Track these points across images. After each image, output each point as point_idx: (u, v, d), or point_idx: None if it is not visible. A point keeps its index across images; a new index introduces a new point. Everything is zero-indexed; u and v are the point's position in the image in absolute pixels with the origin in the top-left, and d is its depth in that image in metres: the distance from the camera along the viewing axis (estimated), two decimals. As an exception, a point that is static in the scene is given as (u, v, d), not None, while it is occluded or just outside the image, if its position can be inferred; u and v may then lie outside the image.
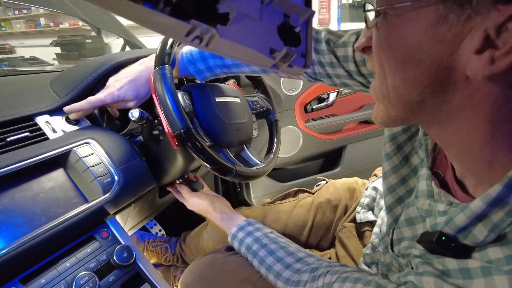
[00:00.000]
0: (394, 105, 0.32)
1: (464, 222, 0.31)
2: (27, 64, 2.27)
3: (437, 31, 0.26)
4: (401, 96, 0.31)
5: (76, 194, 0.56)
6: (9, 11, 4.58)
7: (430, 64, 0.28)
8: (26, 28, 4.59)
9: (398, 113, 0.33)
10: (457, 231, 0.32)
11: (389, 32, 0.30)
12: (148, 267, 0.56)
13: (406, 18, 0.28)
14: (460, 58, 0.26)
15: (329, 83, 0.57)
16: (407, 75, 0.30)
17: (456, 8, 0.25)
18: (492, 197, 0.29)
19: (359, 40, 0.34)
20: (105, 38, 3.57)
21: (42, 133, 0.58)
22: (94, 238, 0.55)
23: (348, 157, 1.34)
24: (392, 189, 0.48)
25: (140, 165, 0.63)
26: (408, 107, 0.32)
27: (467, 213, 0.31)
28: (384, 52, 0.31)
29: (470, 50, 0.26)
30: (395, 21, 0.29)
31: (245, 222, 0.62)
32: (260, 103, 0.79)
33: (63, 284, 0.47)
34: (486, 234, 0.30)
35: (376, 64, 0.32)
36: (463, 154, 0.34)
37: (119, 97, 0.61)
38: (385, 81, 0.32)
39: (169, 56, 0.57)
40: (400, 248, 0.43)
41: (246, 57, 0.31)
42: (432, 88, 0.29)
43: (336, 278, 0.44)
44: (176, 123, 0.53)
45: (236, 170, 0.60)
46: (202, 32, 0.28)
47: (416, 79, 0.29)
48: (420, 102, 0.31)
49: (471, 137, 0.31)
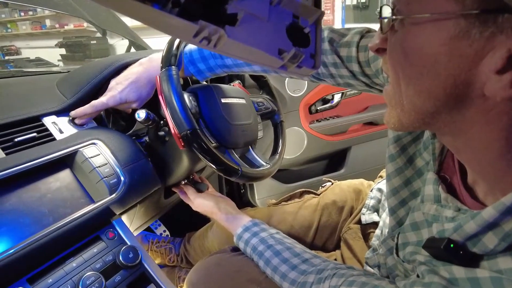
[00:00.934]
0: (406, 113, 0.32)
1: (474, 230, 0.31)
2: (33, 65, 2.29)
3: (456, 45, 0.25)
4: (415, 105, 0.31)
5: (83, 194, 0.56)
6: (15, 12, 4.62)
7: (446, 77, 0.27)
8: (31, 30, 4.63)
9: (410, 121, 0.32)
10: (466, 239, 0.32)
11: (405, 39, 0.29)
12: (154, 268, 0.56)
13: (424, 27, 0.27)
14: (479, 75, 0.26)
15: (333, 83, 0.56)
16: (421, 86, 0.29)
17: (479, 24, 0.24)
18: (505, 205, 0.28)
19: (373, 40, 0.33)
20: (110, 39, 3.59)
21: (49, 133, 0.58)
22: (100, 238, 0.55)
23: (352, 159, 1.34)
24: (395, 191, 0.47)
25: (146, 166, 0.63)
26: (421, 116, 0.31)
27: (478, 221, 0.30)
28: (399, 59, 0.30)
29: (491, 69, 0.25)
30: (412, 29, 0.28)
31: (250, 223, 0.62)
32: (265, 104, 0.79)
33: (69, 284, 0.47)
34: (496, 243, 0.30)
35: (390, 69, 0.32)
36: (475, 163, 0.33)
37: (121, 100, 0.62)
38: (399, 88, 0.31)
39: (175, 57, 0.57)
40: (405, 253, 0.43)
41: (255, 57, 0.31)
42: (447, 102, 0.28)
43: (343, 281, 0.44)
44: (182, 124, 0.53)
45: (241, 171, 0.60)
46: (210, 33, 0.28)
47: (431, 91, 0.29)
48: (433, 113, 0.30)
49: (484, 149, 0.30)
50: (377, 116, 1.35)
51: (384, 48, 0.32)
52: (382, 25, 0.32)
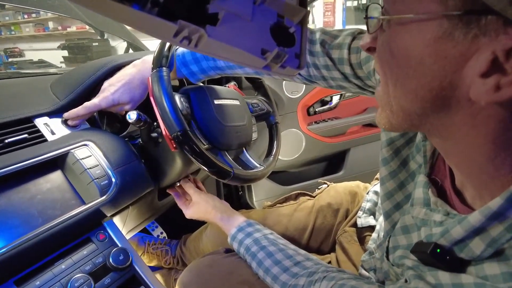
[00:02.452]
0: (395, 113, 0.31)
1: (460, 235, 0.30)
2: (36, 67, 2.31)
3: (440, 47, 0.25)
4: (402, 106, 0.30)
5: (73, 196, 0.56)
6: (18, 15, 4.67)
7: (431, 79, 0.27)
8: (35, 32, 4.67)
9: (399, 122, 0.32)
10: (453, 244, 0.31)
11: (392, 39, 0.28)
12: (145, 270, 0.56)
13: (409, 28, 0.27)
14: (464, 78, 0.25)
15: (325, 85, 0.56)
16: (408, 87, 0.29)
17: (462, 26, 0.23)
18: (492, 210, 0.28)
19: (364, 39, 0.33)
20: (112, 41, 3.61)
21: (41, 135, 0.58)
22: (91, 240, 0.55)
23: (351, 161, 1.33)
24: (390, 195, 0.47)
25: (138, 167, 0.63)
26: (409, 117, 0.31)
27: (464, 226, 0.30)
28: (387, 60, 0.30)
29: (475, 73, 0.24)
30: (398, 30, 0.28)
31: (245, 223, 0.62)
32: (260, 106, 0.78)
33: (57, 286, 0.47)
34: (483, 249, 0.29)
35: (379, 69, 0.32)
36: (464, 166, 0.33)
37: (114, 101, 0.61)
38: (387, 88, 0.31)
39: (167, 58, 0.56)
40: (394, 257, 0.42)
41: (237, 58, 0.30)
42: (434, 103, 0.28)
43: (333, 284, 0.43)
44: (173, 125, 0.53)
45: (234, 173, 0.59)
46: (191, 33, 0.28)
47: (417, 92, 0.28)
48: (421, 115, 0.30)
49: (472, 153, 0.30)
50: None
51: (374, 47, 0.32)
52: (369, 25, 0.32)
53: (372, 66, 0.47)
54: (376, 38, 0.31)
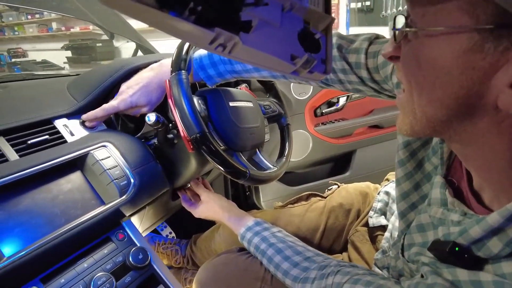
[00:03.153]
0: (419, 120, 0.32)
1: (479, 235, 0.31)
2: (39, 67, 2.32)
3: (469, 58, 0.26)
4: (427, 114, 0.31)
5: (93, 196, 0.57)
6: (22, 15, 4.68)
7: (458, 89, 0.27)
8: (38, 32, 4.69)
9: (422, 128, 0.33)
10: (471, 243, 0.32)
11: (419, 50, 0.29)
12: (163, 269, 0.57)
13: (438, 40, 0.27)
14: (492, 88, 0.26)
15: (341, 88, 0.57)
16: (433, 96, 0.29)
17: (493, 39, 0.24)
18: (510, 212, 0.29)
19: (386, 48, 0.34)
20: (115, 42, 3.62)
21: (61, 136, 0.59)
22: (110, 239, 0.56)
23: (357, 162, 1.34)
24: (405, 195, 0.48)
25: (155, 168, 0.64)
26: (432, 124, 0.31)
27: (482, 226, 0.31)
28: (412, 69, 0.30)
29: (504, 83, 0.25)
30: (426, 41, 0.28)
31: (253, 222, 0.63)
32: (272, 107, 0.79)
33: (81, 284, 0.48)
34: (500, 248, 0.30)
35: (403, 78, 0.32)
36: (483, 170, 0.34)
37: (132, 104, 0.62)
38: (411, 97, 0.32)
39: (185, 61, 0.58)
40: (410, 254, 0.43)
41: (267, 63, 0.32)
42: (459, 111, 0.29)
43: (347, 279, 0.44)
44: (192, 127, 0.54)
45: (249, 174, 0.60)
46: (226, 40, 0.29)
47: (443, 101, 0.29)
48: (445, 122, 0.31)
49: (494, 158, 0.31)
50: (382, 119, 1.35)
51: (397, 56, 0.33)
52: (395, 35, 0.32)
53: (389, 71, 0.48)
54: (399, 47, 0.32)
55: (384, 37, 0.52)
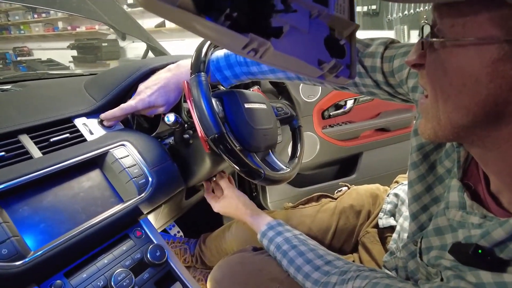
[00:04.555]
0: (443, 126, 0.33)
1: (502, 237, 0.32)
2: (44, 66, 2.34)
3: (499, 68, 0.26)
4: (452, 120, 0.32)
5: (112, 194, 0.58)
6: (28, 14, 4.71)
7: (486, 97, 0.28)
8: (44, 32, 4.71)
9: (446, 134, 0.33)
10: (493, 245, 0.33)
11: (446, 59, 0.29)
12: (179, 267, 0.58)
13: (467, 50, 0.27)
14: None
15: (355, 91, 0.58)
16: (460, 103, 0.30)
17: None
18: None
19: (410, 55, 0.34)
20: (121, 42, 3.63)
21: (80, 134, 0.61)
22: (129, 236, 0.57)
23: (364, 164, 1.35)
24: (417, 197, 0.49)
25: (172, 167, 0.65)
26: (457, 130, 0.32)
27: (506, 228, 0.32)
28: (439, 77, 0.31)
29: None
30: (454, 51, 0.29)
31: (275, 222, 0.64)
32: (284, 109, 0.80)
33: (102, 279, 0.49)
34: None
35: (428, 85, 0.33)
36: (505, 174, 0.34)
37: (150, 103, 0.64)
38: (436, 104, 0.32)
39: (204, 63, 0.59)
40: (429, 258, 0.44)
41: (296, 67, 0.33)
42: (485, 118, 0.29)
43: (367, 283, 0.45)
44: (211, 128, 0.55)
45: (264, 174, 0.61)
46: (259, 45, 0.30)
47: (470, 108, 0.29)
48: (469, 127, 0.31)
49: None
50: (389, 122, 1.36)
51: (421, 64, 0.33)
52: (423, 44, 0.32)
53: (404, 75, 0.49)
54: (423, 55, 0.33)
55: (399, 42, 0.53)
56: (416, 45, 0.33)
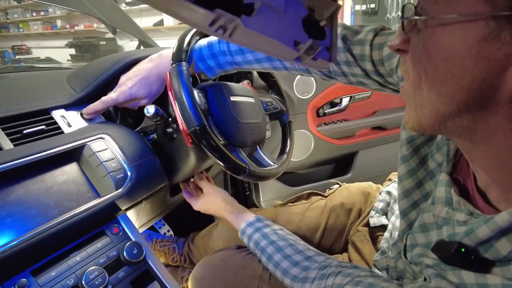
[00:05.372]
0: (427, 114, 0.31)
1: (486, 235, 0.30)
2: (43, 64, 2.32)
3: (484, 49, 0.24)
4: (436, 109, 0.29)
5: (89, 188, 0.56)
6: (27, 12, 4.70)
7: (471, 82, 0.26)
8: (43, 30, 4.70)
9: (430, 124, 0.31)
10: (477, 244, 0.31)
11: (429, 41, 0.27)
12: (158, 265, 0.55)
13: (451, 29, 0.26)
14: (507, 80, 0.25)
15: (345, 81, 0.55)
16: (444, 89, 0.28)
17: (510, 26, 0.23)
18: None
19: (393, 39, 0.32)
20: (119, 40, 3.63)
21: (58, 127, 0.58)
22: (105, 233, 0.54)
23: (359, 163, 1.32)
24: (407, 193, 0.46)
25: (153, 162, 0.62)
26: (442, 119, 0.30)
27: (491, 226, 0.30)
28: (422, 62, 0.29)
29: None
30: (438, 31, 0.27)
31: (254, 218, 0.62)
32: (273, 104, 0.78)
33: (72, 278, 0.47)
34: (510, 250, 0.29)
35: (411, 71, 0.31)
36: (493, 170, 0.32)
37: (131, 96, 0.61)
38: (420, 91, 0.30)
39: (186, 53, 0.56)
40: (412, 255, 0.42)
41: (270, 48, 0.30)
42: (470, 106, 0.27)
43: (349, 281, 0.43)
44: (191, 120, 0.52)
45: (249, 170, 0.59)
46: (227, 22, 0.28)
47: (454, 95, 0.27)
48: (455, 117, 0.29)
49: (506, 156, 0.29)
50: (385, 120, 1.33)
51: (405, 49, 0.31)
52: (404, 24, 0.31)
53: (394, 63, 0.46)
54: (407, 39, 0.31)
55: (390, 29, 0.50)
56: (400, 27, 0.31)
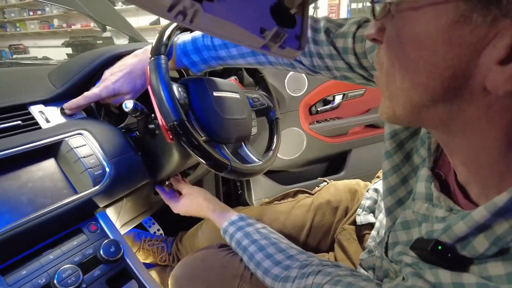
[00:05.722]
0: (401, 105, 0.29)
1: (463, 232, 0.29)
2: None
3: (456, 33, 0.23)
4: (410, 98, 0.28)
5: (66, 185, 0.54)
6: (24, 12, 4.69)
7: (444, 69, 0.25)
8: (40, 29, 4.69)
9: (405, 114, 0.30)
10: (455, 241, 0.30)
11: (402, 27, 0.26)
12: (136, 264, 0.54)
13: (422, 13, 0.25)
14: (480, 66, 0.23)
15: (329, 76, 0.54)
16: (417, 79, 0.27)
17: (481, 7, 0.21)
18: (497, 206, 0.26)
19: (369, 29, 0.31)
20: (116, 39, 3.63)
21: (35, 122, 0.57)
22: (82, 231, 0.53)
23: (353, 161, 1.31)
24: (392, 190, 0.45)
25: (134, 159, 0.61)
26: (417, 110, 0.29)
27: (467, 222, 0.28)
28: (395, 50, 0.28)
29: (493, 60, 0.22)
30: (409, 15, 0.26)
31: (236, 217, 0.60)
32: (260, 100, 0.77)
33: (44, 276, 0.46)
34: (487, 247, 0.28)
35: (385, 61, 0.30)
36: (471, 164, 0.31)
37: (114, 91, 0.60)
38: (394, 80, 0.29)
39: (166, 46, 0.55)
40: (393, 253, 0.40)
41: (235, 36, 0.29)
42: (445, 96, 0.26)
43: (328, 280, 0.42)
44: (169, 114, 0.51)
45: (231, 166, 0.57)
46: (186, 7, 0.26)
47: (428, 84, 0.26)
48: (430, 107, 0.28)
49: (484, 149, 0.28)
50: (379, 118, 1.32)
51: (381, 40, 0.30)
52: (374, 10, 0.30)
53: None
54: (383, 29, 0.29)
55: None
56: (374, 16, 0.30)
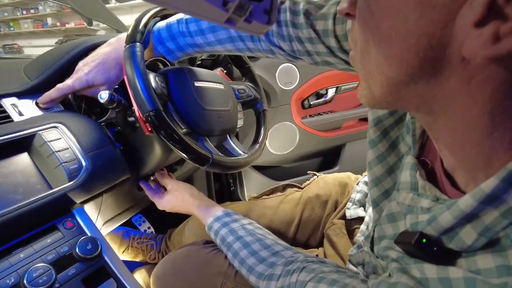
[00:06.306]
0: (378, 84, 0.27)
1: (449, 223, 0.26)
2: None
3: None
4: (386, 74, 0.26)
5: (40, 180, 0.52)
6: (17, 11, 4.64)
7: (418, 39, 0.23)
8: (33, 28, 4.65)
9: (382, 94, 0.27)
10: (441, 233, 0.27)
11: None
12: (115, 261, 0.52)
13: None
14: (456, 32, 0.21)
15: (310, 61, 0.51)
16: (391, 51, 0.25)
17: None
18: (485, 193, 0.24)
19: (341, 3, 0.29)
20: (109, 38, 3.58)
21: (7, 115, 0.54)
22: (57, 228, 0.51)
23: (347, 156, 1.29)
24: (378, 181, 0.42)
25: (113, 153, 0.59)
26: (395, 88, 0.26)
27: (454, 212, 0.26)
28: (367, 22, 0.26)
29: (469, 22, 0.20)
30: None
31: (222, 213, 0.58)
32: (247, 92, 0.74)
33: (13, 276, 0.43)
34: (475, 238, 0.25)
35: (359, 36, 0.27)
36: (457, 148, 0.29)
37: (87, 82, 0.58)
38: (368, 56, 0.27)
39: (142, 34, 0.53)
40: (379, 248, 0.38)
41: (196, 9, 0.26)
42: (422, 69, 0.24)
43: (312, 277, 0.39)
44: (144, 104, 0.49)
45: (213, 159, 0.55)
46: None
47: (402, 57, 0.24)
48: (408, 83, 0.25)
49: (468, 129, 0.26)
50: (373, 112, 1.30)
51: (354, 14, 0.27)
52: None
53: None
54: (355, 1, 0.27)
55: None
56: None
